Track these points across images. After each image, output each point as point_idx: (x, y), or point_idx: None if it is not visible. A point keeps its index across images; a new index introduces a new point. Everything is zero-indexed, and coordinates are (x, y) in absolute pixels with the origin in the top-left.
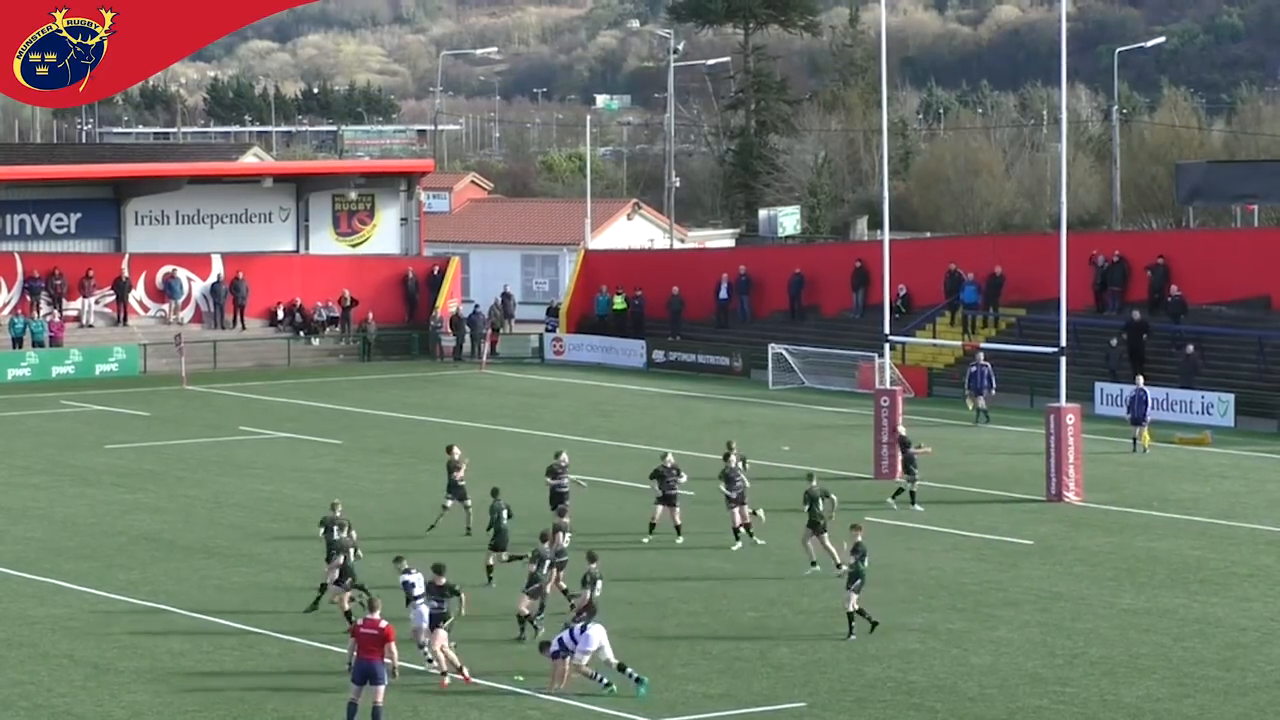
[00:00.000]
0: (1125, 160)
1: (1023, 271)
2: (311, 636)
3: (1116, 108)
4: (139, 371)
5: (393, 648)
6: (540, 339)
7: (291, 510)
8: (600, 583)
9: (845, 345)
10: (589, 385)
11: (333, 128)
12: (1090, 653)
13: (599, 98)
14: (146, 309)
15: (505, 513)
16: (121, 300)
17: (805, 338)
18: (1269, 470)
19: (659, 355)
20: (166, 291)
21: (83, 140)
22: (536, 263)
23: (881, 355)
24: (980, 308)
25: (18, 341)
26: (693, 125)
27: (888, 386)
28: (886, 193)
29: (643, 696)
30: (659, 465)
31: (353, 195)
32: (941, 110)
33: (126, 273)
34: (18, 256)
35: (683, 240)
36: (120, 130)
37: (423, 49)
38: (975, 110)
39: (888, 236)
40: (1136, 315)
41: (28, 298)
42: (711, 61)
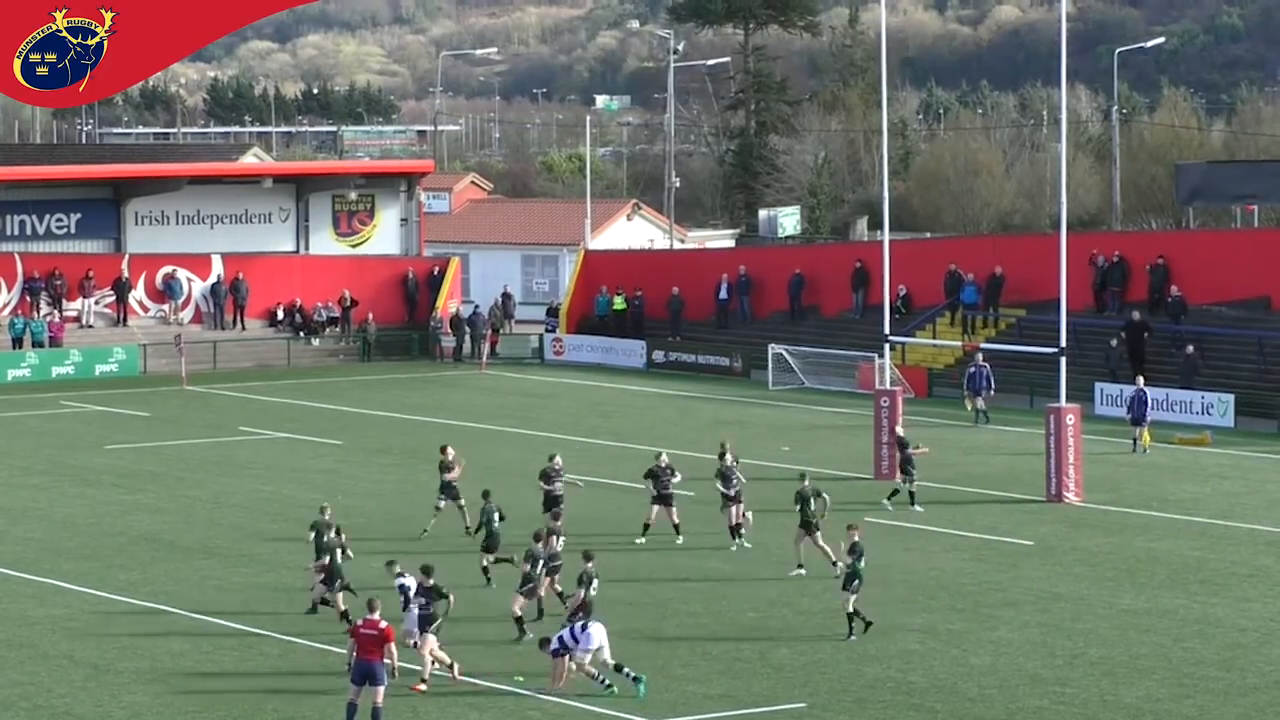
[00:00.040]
0: (1125, 160)
1: (1023, 272)
2: (311, 637)
3: (1116, 108)
4: (139, 372)
5: (392, 648)
6: (540, 339)
7: (291, 511)
8: (596, 581)
9: (845, 346)
10: (589, 386)
11: (333, 128)
12: (1090, 653)
13: (599, 98)
14: (146, 309)
15: (497, 515)
16: (121, 301)
17: (805, 338)
18: (1269, 471)
19: (659, 356)
20: (166, 292)
21: (83, 140)
22: (536, 263)
23: (881, 356)
24: (980, 308)
25: (18, 342)
26: (693, 126)
27: (888, 387)
28: (886, 193)
29: (642, 695)
30: (653, 465)
31: (353, 196)
32: (941, 110)
33: (126, 273)
34: (18, 257)
35: (683, 241)
36: (120, 130)
37: (422, 49)
38: (975, 110)
39: (888, 237)
40: (1136, 315)
41: (28, 298)
42: (711, 62)
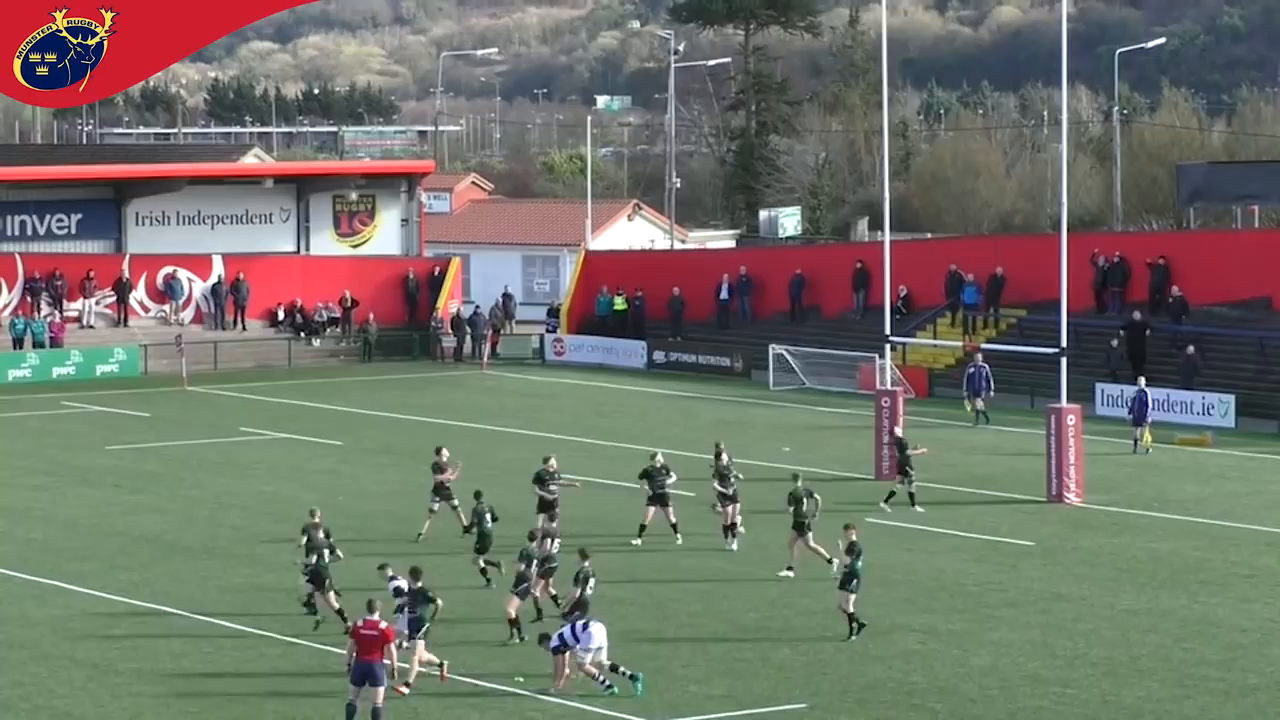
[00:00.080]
0: (1126, 161)
1: (1023, 272)
2: (312, 638)
3: (1117, 108)
4: (140, 372)
5: (392, 649)
6: (541, 340)
7: (292, 511)
8: (593, 580)
9: (846, 346)
10: (590, 386)
11: (333, 128)
12: (1091, 654)
13: (599, 98)
14: (147, 310)
15: (489, 515)
16: (122, 301)
17: (806, 338)
18: (1269, 471)
19: (660, 356)
20: (167, 292)
21: (83, 141)
22: (537, 263)
23: (882, 356)
24: (981, 308)
25: (18, 342)
26: (693, 126)
27: (888, 387)
28: (887, 193)
29: (640, 693)
30: (648, 465)
31: (353, 196)
32: (942, 111)
33: (127, 273)
34: (18, 257)
35: (683, 241)
36: (121, 131)
37: (423, 50)
38: (976, 111)
39: (888, 237)
40: (1137, 316)
41: (28, 298)
42: (712, 62)
